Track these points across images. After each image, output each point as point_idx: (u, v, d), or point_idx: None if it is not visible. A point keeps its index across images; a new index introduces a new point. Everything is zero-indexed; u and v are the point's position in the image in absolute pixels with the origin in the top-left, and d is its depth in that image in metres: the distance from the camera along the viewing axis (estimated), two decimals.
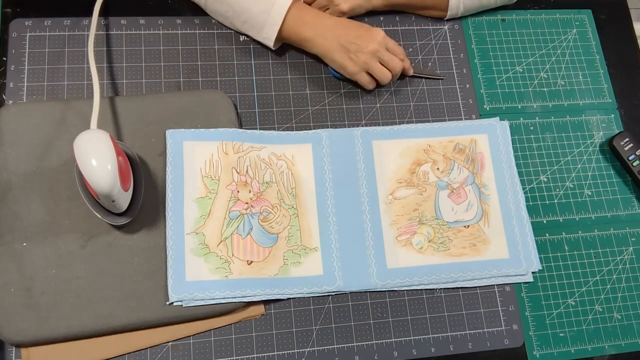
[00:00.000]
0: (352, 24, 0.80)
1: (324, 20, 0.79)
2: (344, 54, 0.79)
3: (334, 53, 0.79)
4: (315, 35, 0.79)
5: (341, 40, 0.78)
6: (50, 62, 0.78)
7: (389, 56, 0.79)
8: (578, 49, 0.92)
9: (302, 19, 0.78)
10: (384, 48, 0.79)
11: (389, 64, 0.80)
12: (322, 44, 0.79)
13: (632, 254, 0.82)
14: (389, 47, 0.80)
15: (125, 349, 0.69)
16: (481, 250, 0.78)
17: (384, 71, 0.80)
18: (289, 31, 0.79)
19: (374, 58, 0.79)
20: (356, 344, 0.73)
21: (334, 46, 0.78)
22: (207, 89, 0.80)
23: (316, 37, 0.79)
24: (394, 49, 0.81)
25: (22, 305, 0.66)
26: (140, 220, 0.72)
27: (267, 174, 0.77)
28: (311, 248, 0.75)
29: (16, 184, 0.71)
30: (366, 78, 0.80)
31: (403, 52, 0.82)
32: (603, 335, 0.78)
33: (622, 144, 0.85)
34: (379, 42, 0.78)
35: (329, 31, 0.78)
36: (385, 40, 0.79)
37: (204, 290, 0.69)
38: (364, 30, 0.79)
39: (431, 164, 0.81)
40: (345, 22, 0.80)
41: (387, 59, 0.79)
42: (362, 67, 0.79)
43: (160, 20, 0.83)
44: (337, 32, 0.78)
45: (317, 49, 0.80)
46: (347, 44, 0.78)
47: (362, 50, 0.78)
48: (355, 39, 0.78)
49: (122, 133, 0.75)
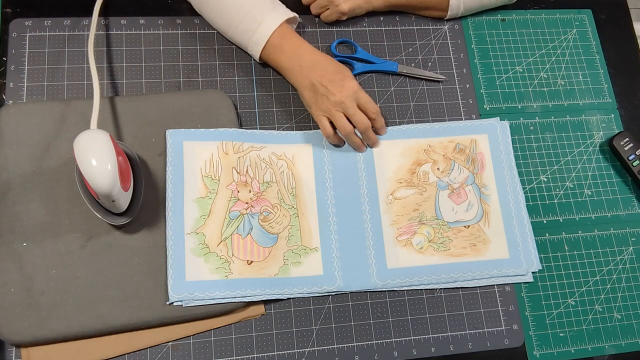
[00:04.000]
0: (331, 67, 0.77)
1: (304, 54, 0.77)
2: (312, 94, 0.77)
3: (303, 89, 0.78)
4: (292, 67, 0.78)
5: (313, 80, 0.76)
6: (50, 62, 0.78)
7: (354, 111, 0.76)
8: (578, 49, 0.92)
9: (283, 47, 0.77)
10: (352, 101, 0.75)
11: (352, 118, 0.76)
12: (295, 78, 0.78)
13: (632, 254, 0.82)
14: (360, 103, 0.76)
15: (125, 349, 0.69)
16: (481, 251, 0.78)
17: (344, 124, 0.76)
18: (269, 56, 0.79)
19: (338, 108, 0.76)
20: (356, 344, 0.73)
21: (305, 83, 0.77)
22: (207, 89, 0.80)
23: (292, 69, 0.78)
24: (366, 105, 0.77)
25: (22, 305, 0.66)
26: (140, 220, 0.72)
27: (267, 174, 0.77)
28: (311, 248, 0.75)
29: (16, 184, 0.71)
30: (325, 124, 0.77)
31: (376, 111, 0.78)
32: (603, 335, 0.78)
33: (622, 144, 0.85)
34: (347, 95, 0.75)
35: (305, 67, 0.77)
36: (357, 95, 0.76)
37: (204, 290, 0.69)
38: (338, 77, 0.76)
39: (431, 164, 0.81)
40: (325, 62, 0.77)
41: (352, 113, 0.76)
42: (324, 112, 0.77)
43: (160, 20, 0.83)
44: (313, 70, 0.76)
45: (290, 80, 0.80)
46: (317, 85, 0.76)
47: (329, 97, 0.75)
48: (327, 82, 0.75)
49: (122, 133, 0.75)
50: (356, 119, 0.76)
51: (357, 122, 0.76)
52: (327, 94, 0.75)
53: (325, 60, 0.78)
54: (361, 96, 0.77)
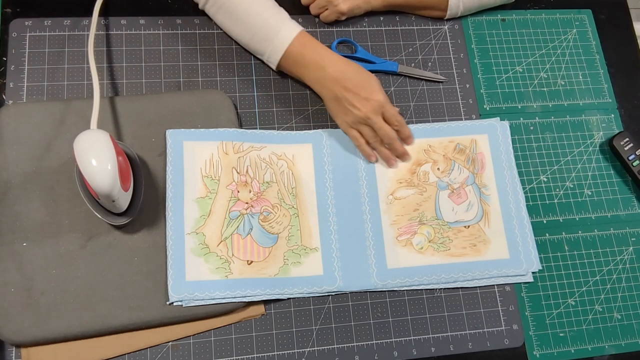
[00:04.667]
0: (356, 78, 0.75)
1: (326, 63, 0.75)
2: (338, 106, 0.76)
3: (328, 101, 0.77)
4: (315, 79, 0.76)
5: (337, 92, 0.75)
6: (50, 62, 0.78)
7: (380, 125, 0.75)
8: (578, 49, 0.92)
9: (304, 56, 0.75)
10: (377, 115, 0.75)
11: (378, 132, 0.76)
12: (319, 89, 0.77)
13: (632, 254, 0.82)
14: (385, 116, 0.76)
15: (125, 349, 0.68)
16: (481, 251, 0.78)
17: (371, 135, 0.77)
18: (289, 66, 0.78)
19: (362, 122, 0.76)
20: (356, 344, 0.73)
21: (330, 95, 0.76)
22: (207, 89, 0.80)
23: (315, 80, 0.76)
24: (391, 119, 0.76)
25: (22, 305, 0.66)
26: (140, 220, 0.72)
27: (267, 174, 0.77)
28: (311, 248, 0.75)
29: (16, 184, 0.71)
30: (355, 135, 0.77)
31: (400, 122, 0.77)
32: (603, 335, 0.78)
33: (622, 144, 0.85)
34: (372, 109, 0.74)
35: (329, 79, 0.75)
36: (383, 108, 0.75)
37: (204, 290, 0.69)
38: (364, 91, 0.74)
39: (431, 164, 0.81)
40: (349, 72, 0.75)
41: (378, 127, 0.76)
42: (350, 125, 0.77)
43: (160, 20, 0.83)
44: (337, 82, 0.74)
45: (313, 89, 0.79)
46: (342, 98, 0.74)
47: (354, 111, 0.75)
48: (352, 96, 0.74)
49: (122, 133, 0.75)
50: (382, 133, 0.76)
51: (382, 136, 0.76)
52: (352, 108, 0.75)
53: (350, 69, 0.75)
54: (387, 109, 0.76)
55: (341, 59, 0.76)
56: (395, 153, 0.79)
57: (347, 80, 0.74)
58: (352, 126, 0.77)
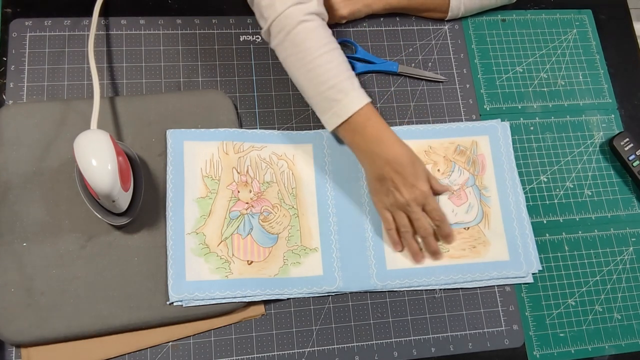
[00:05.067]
0: (408, 165, 0.71)
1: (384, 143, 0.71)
2: (380, 186, 0.73)
3: (372, 178, 0.74)
4: (367, 152, 0.72)
5: (385, 173, 0.71)
6: (50, 62, 0.78)
7: (418, 215, 0.72)
8: (578, 49, 0.92)
9: (365, 129, 0.71)
10: (418, 205, 0.72)
11: (416, 223, 0.73)
12: (367, 164, 0.73)
13: (632, 254, 0.82)
14: (427, 209, 0.73)
15: (125, 349, 0.69)
16: (481, 252, 0.77)
17: (405, 223, 0.73)
18: (346, 132, 0.73)
19: (401, 208, 0.73)
20: (356, 344, 0.73)
21: (376, 173, 0.72)
22: (207, 89, 0.80)
23: (367, 153, 0.72)
24: (432, 213, 0.73)
25: (22, 305, 0.66)
26: (140, 220, 0.72)
27: (267, 174, 0.77)
28: (311, 248, 0.75)
29: (16, 184, 0.71)
30: (389, 217, 0.74)
31: (441, 218, 0.74)
32: (603, 335, 0.78)
33: (622, 144, 0.85)
34: (414, 198, 0.71)
35: (382, 157, 0.71)
36: (426, 200, 0.72)
37: (204, 290, 0.69)
38: (412, 178, 0.71)
39: (432, 166, 0.81)
40: (404, 159, 0.71)
41: (416, 218, 0.72)
42: (387, 207, 0.74)
43: (160, 20, 0.83)
44: (388, 163, 0.71)
45: (359, 161, 0.75)
46: (387, 180, 0.71)
47: (396, 195, 0.72)
48: (398, 180, 0.71)
49: (122, 133, 0.75)
50: (418, 224, 0.73)
51: (418, 228, 0.73)
52: (395, 192, 0.72)
53: (405, 156, 0.71)
54: (430, 202, 0.73)
55: (400, 141, 0.72)
56: (428, 249, 0.76)
57: (400, 165, 0.71)
58: (389, 209, 0.74)
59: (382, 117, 0.72)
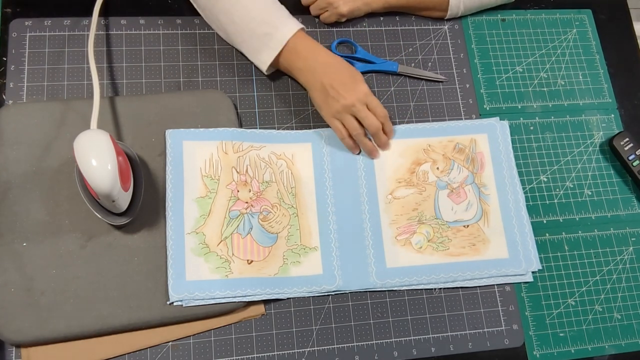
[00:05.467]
0: (344, 70, 0.77)
1: (317, 56, 0.77)
2: (323, 96, 0.76)
3: (314, 91, 0.77)
4: (304, 68, 0.77)
5: (324, 82, 0.75)
6: (50, 62, 0.78)
7: (365, 113, 0.76)
8: (578, 49, 0.92)
9: (297, 48, 0.76)
10: (362, 104, 0.76)
11: (364, 121, 0.76)
12: (307, 79, 0.78)
13: (632, 254, 0.82)
14: (370, 106, 0.77)
15: (125, 349, 0.69)
16: (480, 250, 0.78)
17: (356, 127, 0.77)
18: (282, 58, 0.78)
19: (348, 111, 0.76)
20: (356, 344, 0.73)
21: (317, 85, 0.76)
22: (207, 89, 0.80)
23: (305, 70, 0.77)
24: (375, 109, 0.77)
25: (22, 305, 0.66)
26: (140, 220, 0.72)
27: (266, 174, 0.77)
28: (311, 247, 0.75)
29: (16, 184, 0.71)
30: (339, 126, 0.77)
31: (385, 114, 0.78)
32: (603, 335, 0.78)
33: (622, 144, 0.85)
34: (357, 98, 0.75)
35: (318, 69, 0.76)
36: (367, 99, 0.76)
37: (204, 289, 0.69)
38: (350, 81, 0.76)
39: (431, 164, 0.81)
40: (338, 65, 0.77)
41: (363, 116, 0.76)
42: (334, 115, 0.77)
43: (160, 20, 0.83)
44: (325, 73, 0.76)
45: (303, 81, 0.79)
46: (328, 87, 0.75)
47: (339, 100, 0.75)
48: (338, 85, 0.75)
49: (122, 133, 0.75)
50: (367, 122, 0.76)
51: (368, 125, 0.77)
52: (337, 97, 0.75)
53: (339, 63, 0.77)
54: (371, 100, 0.76)
55: (331, 53, 0.78)
56: (378, 143, 0.80)
57: (335, 71, 0.76)
58: (336, 116, 0.77)
59: (312, 38, 0.78)
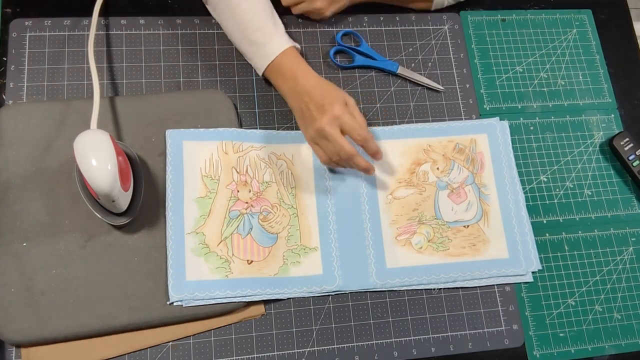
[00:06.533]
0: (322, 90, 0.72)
1: (299, 77, 0.73)
2: (302, 120, 0.74)
3: (296, 114, 0.75)
4: (287, 91, 0.75)
5: (301, 104, 0.73)
6: (50, 62, 0.78)
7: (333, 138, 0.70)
8: (578, 49, 0.92)
9: (282, 68, 0.74)
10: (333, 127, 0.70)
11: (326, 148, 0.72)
12: (290, 102, 0.76)
13: (632, 254, 0.82)
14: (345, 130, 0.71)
15: (125, 349, 0.69)
16: (481, 250, 0.78)
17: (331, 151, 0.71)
18: (270, 75, 0.77)
19: (321, 135, 0.71)
20: (356, 344, 0.73)
21: (297, 107, 0.74)
22: (207, 89, 0.80)
23: (287, 92, 0.75)
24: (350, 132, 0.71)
25: (22, 305, 0.66)
26: (140, 220, 0.72)
27: (266, 174, 0.77)
28: (311, 248, 0.75)
29: (16, 184, 0.71)
30: (317, 151, 0.74)
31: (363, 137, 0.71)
32: (603, 335, 0.78)
33: (622, 144, 0.85)
34: (328, 121, 0.70)
35: (299, 92, 0.73)
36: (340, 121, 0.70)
37: (205, 289, 0.69)
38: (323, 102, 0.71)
39: (431, 164, 0.81)
40: (317, 86, 0.72)
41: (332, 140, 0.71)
42: (312, 140, 0.74)
43: (160, 20, 0.83)
44: (306, 94, 0.72)
45: (288, 103, 0.77)
46: (305, 110, 0.72)
47: (313, 124, 0.71)
48: (312, 107, 0.71)
49: (122, 133, 0.75)
50: (337, 147, 0.70)
51: (338, 151, 0.71)
52: (311, 120, 0.72)
53: (319, 84, 0.73)
54: (345, 122, 0.70)
55: (314, 75, 0.74)
56: (359, 169, 0.74)
57: (311, 93, 0.72)
58: (314, 141, 0.73)
59: (301, 58, 0.75)
